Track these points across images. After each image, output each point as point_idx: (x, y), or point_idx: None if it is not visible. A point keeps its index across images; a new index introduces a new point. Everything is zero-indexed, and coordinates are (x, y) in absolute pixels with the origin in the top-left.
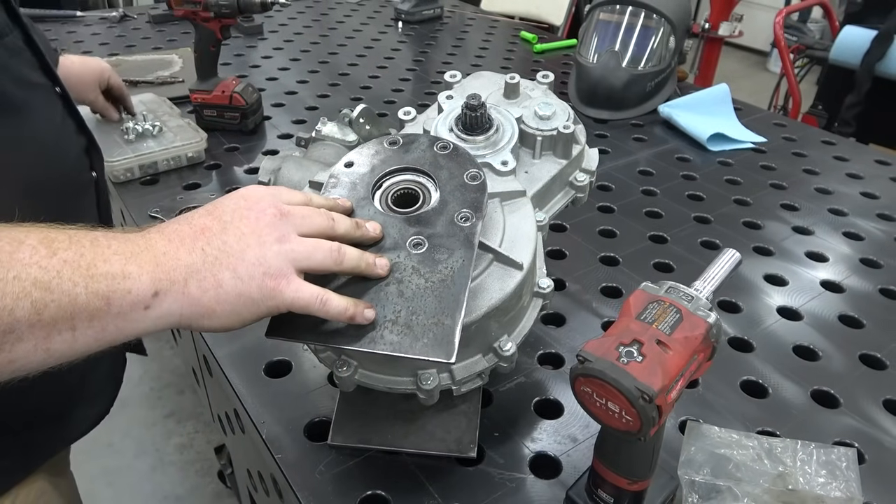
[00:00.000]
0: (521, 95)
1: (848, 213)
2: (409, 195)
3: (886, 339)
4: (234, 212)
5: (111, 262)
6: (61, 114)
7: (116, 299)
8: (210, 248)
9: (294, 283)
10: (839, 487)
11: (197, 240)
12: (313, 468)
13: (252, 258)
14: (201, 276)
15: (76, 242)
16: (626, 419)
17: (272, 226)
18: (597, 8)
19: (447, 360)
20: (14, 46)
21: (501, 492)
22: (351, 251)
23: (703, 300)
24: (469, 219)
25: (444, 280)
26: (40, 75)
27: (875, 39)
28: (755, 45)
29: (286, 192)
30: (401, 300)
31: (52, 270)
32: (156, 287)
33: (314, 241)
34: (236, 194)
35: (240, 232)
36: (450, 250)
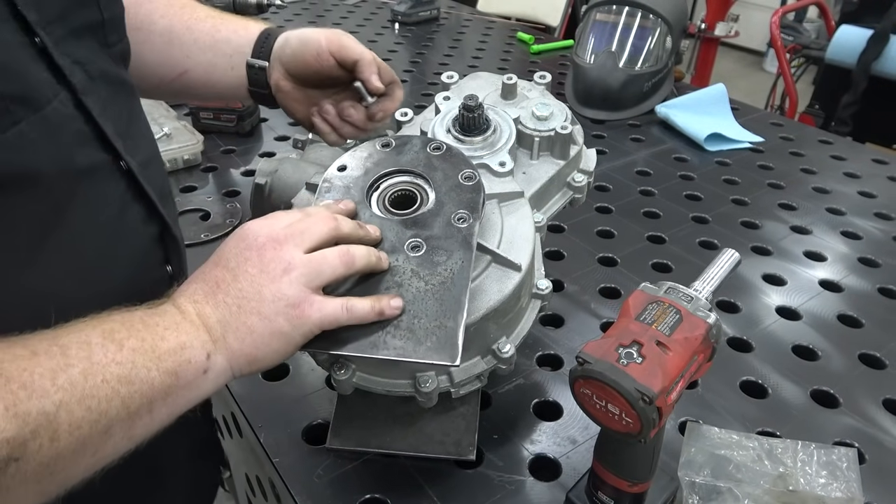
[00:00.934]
0: (519, 96)
1: (846, 213)
2: (407, 196)
3: (885, 338)
4: (237, 256)
5: (167, 339)
6: (122, 199)
7: (183, 371)
8: (230, 299)
9: (316, 304)
10: (840, 488)
11: (216, 294)
12: (311, 472)
13: (269, 296)
14: (234, 327)
15: (132, 328)
16: (626, 421)
17: (275, 259)
18: (593, 8)
19: (451, 363)
20: (57, 117)
21: (501, 494)
22: (359, 249)
23: (702, 301)
24: (466, 219)
25: (444, 282)
26: (96, 149)
27: (871, 39)
28: (751, 46)
29: (282, 216)
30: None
31: (127, 363)
32: (206, 350)
33: (320, 255)
34: (234, 237)
35: (249, 275)
36: (448, 252)
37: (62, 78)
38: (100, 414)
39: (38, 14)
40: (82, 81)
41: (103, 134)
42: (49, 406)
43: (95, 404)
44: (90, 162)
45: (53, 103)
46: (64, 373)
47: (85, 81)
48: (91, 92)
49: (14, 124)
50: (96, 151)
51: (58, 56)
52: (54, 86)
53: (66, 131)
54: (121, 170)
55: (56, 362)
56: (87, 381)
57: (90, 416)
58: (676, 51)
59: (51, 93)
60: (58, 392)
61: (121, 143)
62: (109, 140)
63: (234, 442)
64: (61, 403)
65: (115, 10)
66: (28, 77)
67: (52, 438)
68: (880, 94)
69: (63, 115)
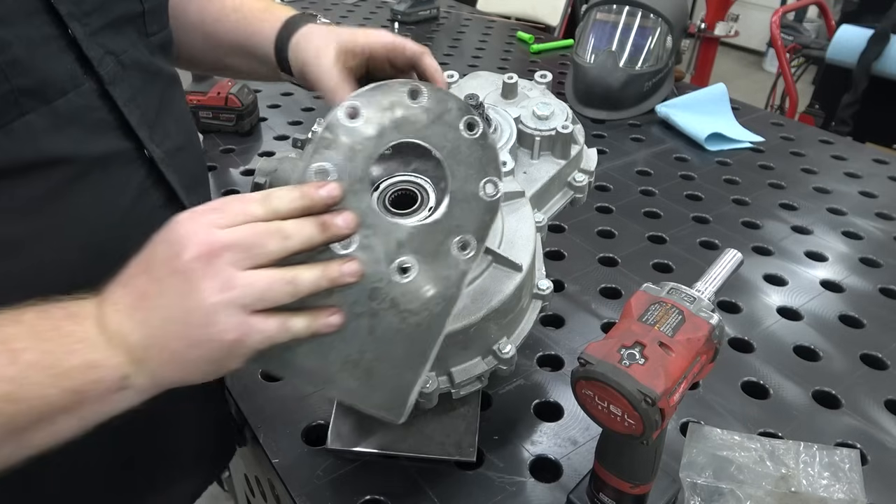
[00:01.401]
0: (519, 95)
1: (847, 213)
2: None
3: (887, 339)
4: (164, 265)
5: (76, 354)
6: (140, 185)
7: (90, 390)
8: (153, 319)
9: (254, 327)
10: (842, 489)
11: (138, 309)
12: (311, 473)
13: (198, 321)
14: (156, 350)
15: (37, 337)
16: (629, 422)
17: (207, 276)
18: (594, 8)
19: (396, 420)
20: (70, 108)
21: (501, 496)
22: (306, 275)
23: (705, 301)
24: (468, 248)
25: (419, 325)
26: (118, 138)
27: (871, 39)
28: (751, 45)
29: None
30: (369, 339)
31: (17, 380)
32: (121, 371)
33: (266, 278)
34: (164, 239)
35: (176, 292)
36: (434, 286)
37: (90, 69)
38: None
39: (76, 6)
40: (112, 71)
41: (127, 123)
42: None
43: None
44: (109, 149)
45: (70, 95)
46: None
47: (115, 71)
48: (120, 81)
49: (21, 115)
50: (118, 140)
51: (88, 47)
52: (78, 77)
53: (84, 121)
54: (143, 157)
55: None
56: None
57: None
58: (677, 50)
59: (70, 85)
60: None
61: (146, 132)
62: (133, 129)
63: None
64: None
65: (156, 1)
66: (45, 70)
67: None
68: (881, 93)
69: (79, 106)
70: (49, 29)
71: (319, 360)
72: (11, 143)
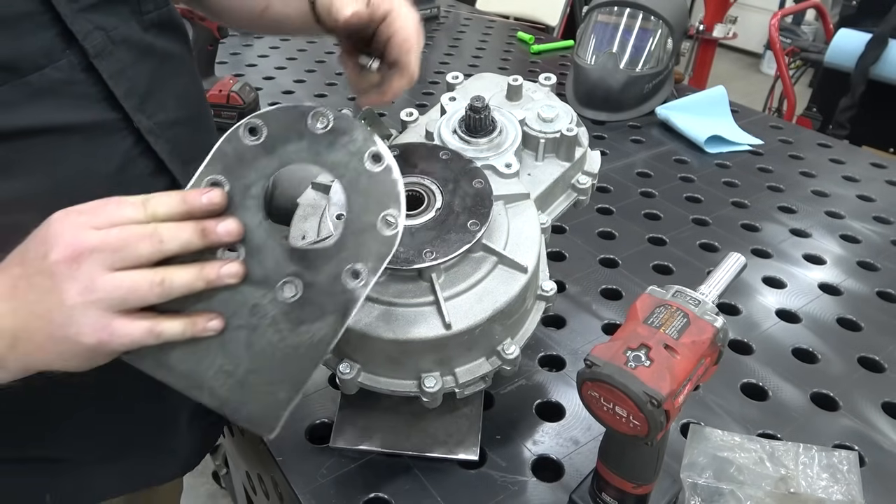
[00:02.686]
0: (524, 97)
1: (845, 216)
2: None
3: (884, 341)
4: (33, 262)
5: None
6: (126, 154)
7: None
8: (22, 311)
9: (118, 330)
10: (840, 490)
11: (10, 299)
12: (315, 471)
13: (60, 320)
14: (23, 341)
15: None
16: (634, 424)
17: (69, 277)
18: (595, 9)
19: (267, 435)
20: (55, 79)
21: (504, 495)
22: (179, 275)
23: (709, 304)
24: (359, 276)
25: (297, 347)
26: (103, 109)
27: (869, 42)
28: (748, 47)
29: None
30: (246, 352)
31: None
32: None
33: (130, 280)
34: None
35: (41, 289)
36: (320, 312)
37: (74, 43)
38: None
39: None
40: (99, 46)
41: (113, 95)
42: None
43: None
44: (92, 119)
45: (46, 69)
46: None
47: (103, 45)
48: (108, 55)
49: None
50: (104, 111)
51: (73, 22)
52: (57, 52)
53: (63, 93)
54: (130, 128)
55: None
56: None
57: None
58: (677, 52)
59: (45, 60)
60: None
61: (134, 103)
62: (119, 101)
63: (236, 439)
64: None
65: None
66: (18, 46)
67: None
68: (878, 97)
69: (55, 80)
70: (28, 6)
71: (193, 365)
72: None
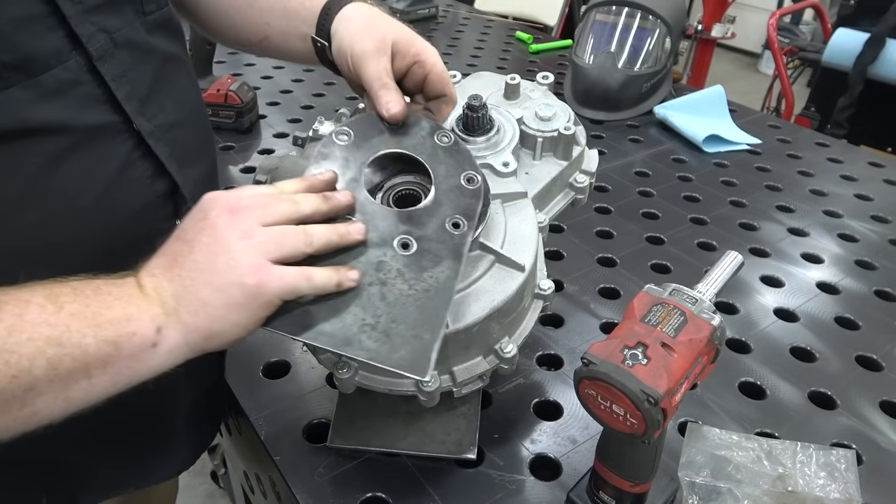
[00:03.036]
0: (522, 96)
1: (843, 215)
2: (411, 196)
3: (882, 340)
4: (193, 227)
5: (113, 308)
6: (127, 157)
7: (124, 343)
8: (184, 272)
9: (275, 272)
10: (838, 489)
11: (172, 267)
12: (312, 470)
13: (223, 266)
14: (186, 301)
15: (80, 293)
16: (631, 422)
17: (231, 226)
18: (593, 9)
19: (421, 377)
20: (55, 82)
21: (501, 494)
22: (318, 228)
23: (706, 303)
24: (460, 226)
25: (427, 290)
26: (106, 111)
27: (867, 42)
28: (746, 47)
29: (247, 188)
30: (382, 304)
31: (61, 326)
32: (156, 323)
33: (280, 229)
34: (195, 208)
35: (204, 245)
36: (437, 258)
37: (79, 45)
38: (20, 370)
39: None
40: (102, 48)
41: (115, 97)
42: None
43: (15, 360)
44: (95, 121)
45: (55, 69)
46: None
47: (105, 48)
48: (110, 58)
49: (5, 88)
50: (107, 113)
51: (77, 24)
52: (66, 53)
53: (71, 94)
54: (131, 130)
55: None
56: (11, 337)
57: (7, 371)
58: (675, 52)
59: (55, 60)
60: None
61: (135, 106)
62: (120, 103)
63: (234, 439)
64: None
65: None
66: (30, 46)
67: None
68: (876, 97)
69: (65, 80)
70: (38, 7)
71: (338, 324)
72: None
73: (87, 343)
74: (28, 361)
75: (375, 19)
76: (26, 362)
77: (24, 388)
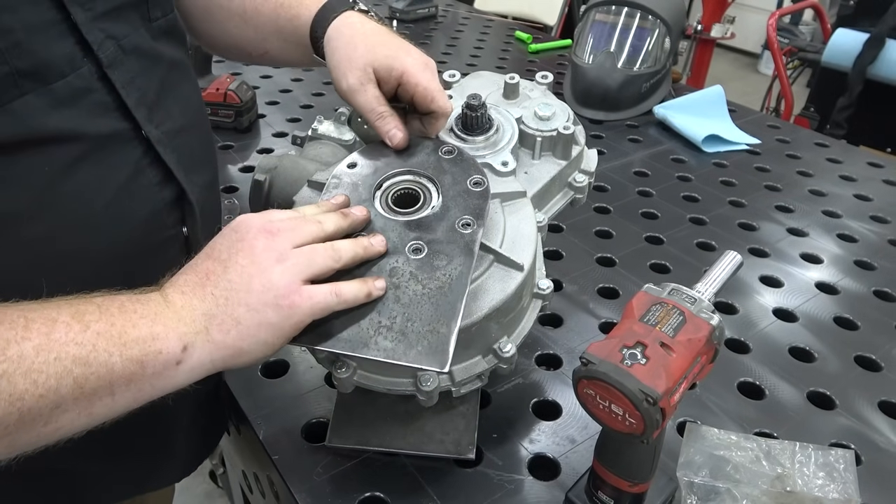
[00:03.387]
0: (521, 96)
1: (842, 215)
2: (410, 195)
3: (881, 340)
4: (229, 248)
5: (139, 327)
6: (136, 164)
7: (150, 361)
8: (218, 291)
9: (306, 293)
10: (837, 489)
11: (205, 286)
12: (311, 469)
13: (259, 286)
14: (219, 319)
15: (105, 311)
16: (630, 422)
17: (268, 249)
18: (593, 9)
19: (440, 369)
20: (68, 90)
21: (500, 493)
22: (344, 243)
23: (705, 302)
24: (470, 225)
25: (441, 287)
26: (116, 119)
27: (867, 42)
28: (746, 47)
29: (276, 213)
30: (397, 306)
31: (87, 345)
32: (183, 342)
33: (310, 248)
34: (228, 229)
35: (240, 266)
36: (449, 257)
37: (90, 52)
38: (47, 389)
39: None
40: (111, 55)
41: (125, 104)
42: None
43: (43, 379)
44: (106, 129)
45: (69, 77)
46: (17, 345)
47: (115, 55)
48: (119, 65)
49: (20, 95)
50: (117, 120)
51: (88, 31)
52: (78, 60)
53: (84, 102)
54: (140, 137)
55: (14, 333)
56: (38, 357)
57: (35, 390)
58: (674, 52)
59: (69, 67)
60: (3, 363)
61: (144, 113)
62: (130, 110)
63: (233, 438)
64: (3, 374)
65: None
66: (44, 53)
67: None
68: (875, 97)
69: (78, 88)
70: (51, 14)
71: (354, 329)
72: (12, 121)
73: (114, 362)
74: (55, 381)
75: (356, 46)
76: (53, 381)
77: (51, 406)
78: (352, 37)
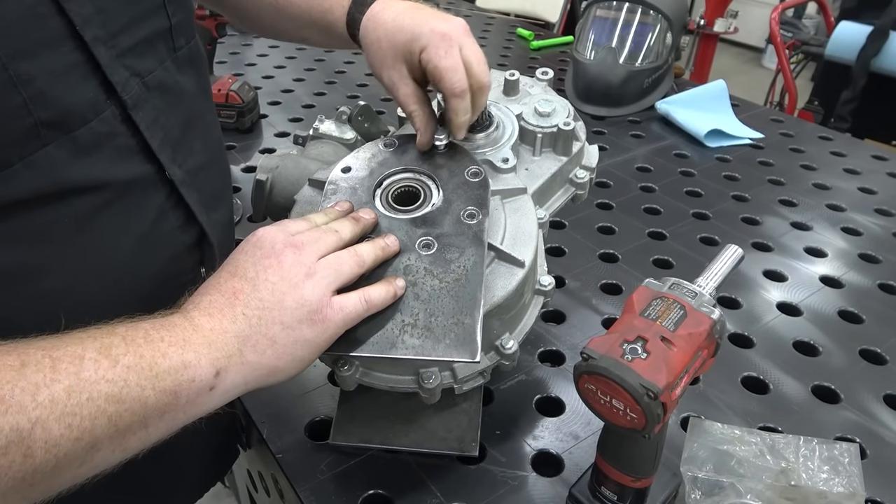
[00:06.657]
0: (521, 92)
1: (846, 209)
2: (410, 193)
3: (886, 334)
4: (255, 265)
5: (169, 356)
6: (159, 208)
7: (183, 391)
8: (249, 311)
9: (337, 304)
10: (842, 483)
11: (234, 306)
12: (314, 468)
13: (292, 303)
14: (253, 340)
15: (132, 343)
16: (631, 416)
17: (296, 264)
18: (594, 4)
19: (472, 359)
20: (91, 136)
21: (503, 490)
22: (365, 247)
23: (706, 296)
24: (475, 216)
25: (458, 279)
26: (139, 162)
27: (870, 35)
28: (750, 42)
29: (292, 224)
30: (417, 303)
31: (119, 381)
32: (216, 367)
33: (335, 257)
34: (249, 244)
35: (270, 283)
36: (460, 249)
37: (113, 93)
38: (82, 431)
39: (102, 29)
40: (135, 95)
41: (149, 147)
42: (24, 423)
43: (77, 422)
44: (130, 175)
45: (92, 123)
46: (47, 389)
47: (139, 95)
48: (143, 104)
49: (42, 147)
50: (139, 164)
51: (112, 72)
52: (101, 103)
53: (106, 147)
54: (164, 180)
55: (42, 376)
56: (71, 399)
57: (70, 434)
58: (677, 47)
59: (92, 113)
60: (36, 409)
61: (168, 154)
62: (154, 153)
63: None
64: (38, 420)
65: (183, 14)
66: (67, 100)
67: (26, 455)
68: (879, 90)
69: (100, 133)
70: (73, 56)
71: (378, 332)
72: (33, 174)
73: (147, 396)
74: (90, 422)
75: (381, 44)
76: (88, 423)
77: (87, 448)
78: (377, 32)
